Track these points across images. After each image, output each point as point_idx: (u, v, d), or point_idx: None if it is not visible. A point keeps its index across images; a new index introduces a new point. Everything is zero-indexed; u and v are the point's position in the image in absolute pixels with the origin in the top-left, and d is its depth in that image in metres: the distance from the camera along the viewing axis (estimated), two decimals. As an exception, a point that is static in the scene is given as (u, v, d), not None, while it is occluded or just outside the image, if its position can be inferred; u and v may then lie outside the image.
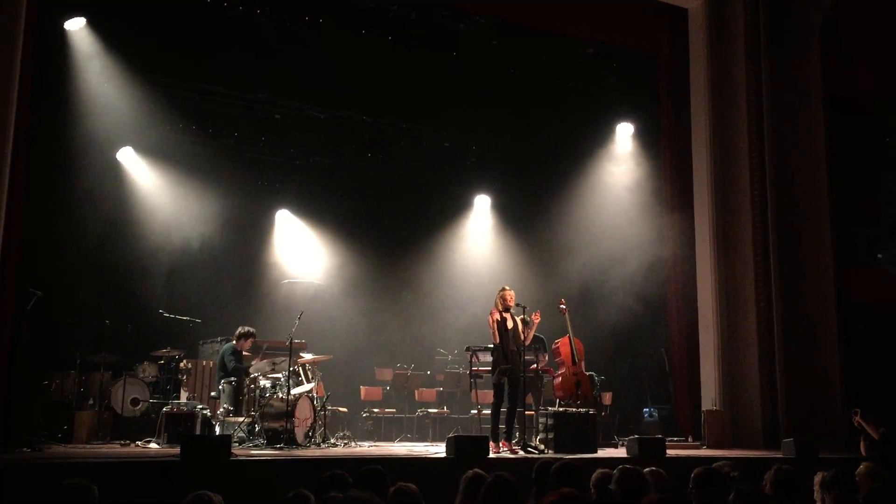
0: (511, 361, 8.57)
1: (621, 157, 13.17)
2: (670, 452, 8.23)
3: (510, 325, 8.65)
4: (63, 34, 10.45)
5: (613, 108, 13.20)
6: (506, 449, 8.38)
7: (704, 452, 9.38)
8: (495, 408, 8.62)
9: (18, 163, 8.40)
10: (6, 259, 8.23)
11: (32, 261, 9.39)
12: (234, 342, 9.89)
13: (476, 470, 4.26)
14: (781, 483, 4.51)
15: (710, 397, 10.93)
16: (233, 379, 9.33)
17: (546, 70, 13.01)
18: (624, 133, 13.25)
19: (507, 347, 8.58)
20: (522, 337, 8.69)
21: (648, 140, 12.92)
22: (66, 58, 10.49)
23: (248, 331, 9.93)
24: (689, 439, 10.59)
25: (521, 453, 8.32)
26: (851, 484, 4.51)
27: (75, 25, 10.50)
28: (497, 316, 8.61)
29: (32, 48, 8.63)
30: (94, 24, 10.56)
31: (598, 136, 13.31)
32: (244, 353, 9.93)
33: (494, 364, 8.68)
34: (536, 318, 8.83)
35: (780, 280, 11.02)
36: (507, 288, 8.76)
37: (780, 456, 8.42)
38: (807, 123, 11.43)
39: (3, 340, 8.34)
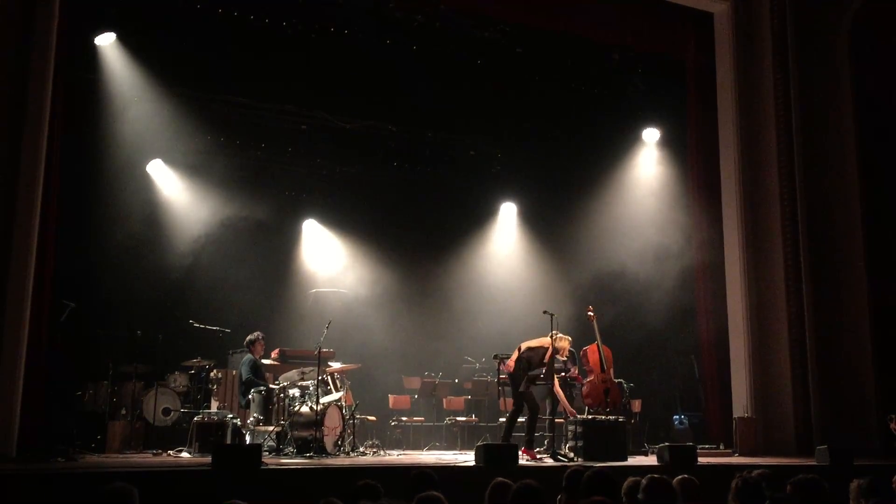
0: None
1: (648, 163, 13.12)
2: (702, 460, 8.15)
3: (547, 357, 8.83)
4: (94, 49, 10.62)
5: (640, 114, 13.16)
6: (527, 457, 8.36)
7: (736, 460, 9.28)
8: (530, 418, 8.69)
9: (51, 176, 8.56)
10: (41, 271, 8.37)
11: (65, 272, 9.53)
12: (249, 353, 9.79)
13: (500, 479, 4.26)
14: (804, 492, 4.42)
15: (741, 404, 10.81)
16: (262, 388, 9.37)
17: (571, 76, 12.97)
18: (651, 138, 13.21)
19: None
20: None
21: (675, 145, 12.85)
22: (96, 72, 10.67)
23: (255, 336, 9.76)
24: (721, 447, 10.46)
25: (550, 461, 8.29)
26: (888, 491, 4.43)
27: (105, 41, 10.68)
28: (550, 351, 8.79)
29: (64, 64, 8.80)
30: (123, 38, 10.73)
31: (624, 142, 13.27)
32: (275, 362, 9.94)
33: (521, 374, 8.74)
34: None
35: (812, 284, 10.87)
36: (569, 341, 9.02)
37: (814, 463, 8.31)
38: (837, 125, 11.29)
39: (40, 352, 8.47)
